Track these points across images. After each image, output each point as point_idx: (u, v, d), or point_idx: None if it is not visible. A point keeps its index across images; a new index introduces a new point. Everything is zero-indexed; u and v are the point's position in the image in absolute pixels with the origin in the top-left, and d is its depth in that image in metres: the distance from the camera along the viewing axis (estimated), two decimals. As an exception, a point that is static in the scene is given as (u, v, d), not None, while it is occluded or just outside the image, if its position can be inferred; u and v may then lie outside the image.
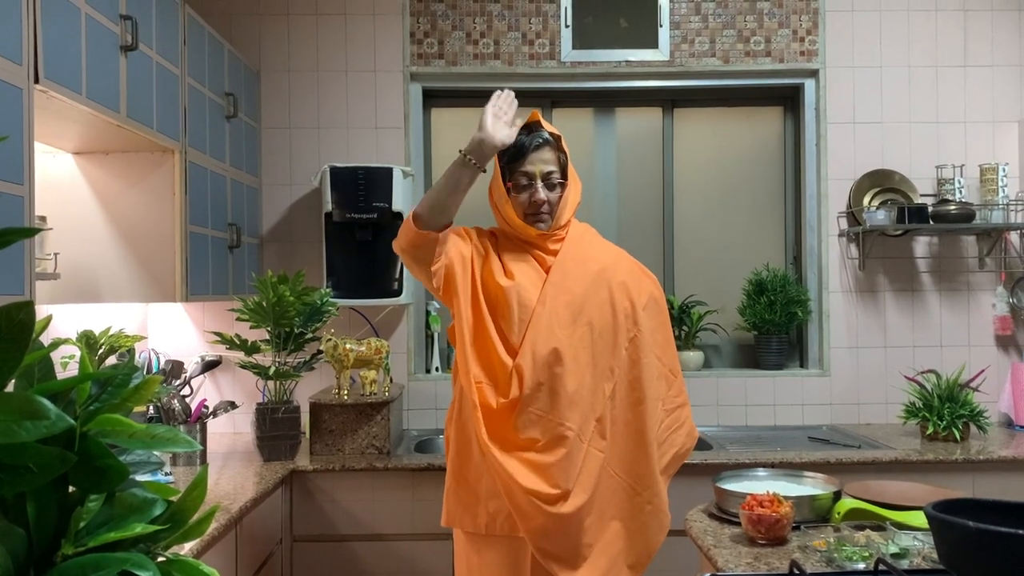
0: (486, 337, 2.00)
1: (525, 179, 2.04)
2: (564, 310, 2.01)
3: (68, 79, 1.84)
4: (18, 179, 1.65)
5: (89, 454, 0.68)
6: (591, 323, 2.02)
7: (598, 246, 2.16)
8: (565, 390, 1.96)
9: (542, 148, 2.05)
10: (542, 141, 2.05)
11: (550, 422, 1.95)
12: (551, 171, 2.05)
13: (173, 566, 0.73)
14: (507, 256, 2.08)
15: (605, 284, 2.05)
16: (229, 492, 2.33)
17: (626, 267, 2.13)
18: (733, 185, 3.61)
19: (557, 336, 1.98)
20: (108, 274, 2.51)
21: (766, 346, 3.43)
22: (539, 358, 1.96)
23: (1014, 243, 3.41)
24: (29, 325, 0.64)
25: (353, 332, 3.30)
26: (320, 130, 3.38)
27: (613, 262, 2.11)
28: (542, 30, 3.40)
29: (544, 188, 2.04)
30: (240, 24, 3.35)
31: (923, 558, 1.41)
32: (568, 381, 1.97)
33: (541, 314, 2.00)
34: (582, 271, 2.06)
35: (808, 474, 1.85)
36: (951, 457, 2.74)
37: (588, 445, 1.98)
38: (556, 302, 2.01)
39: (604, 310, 2.03)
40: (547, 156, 2.05)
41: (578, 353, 1.99)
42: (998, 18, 3.43)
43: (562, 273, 2.05)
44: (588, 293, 2.03)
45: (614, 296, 2.05)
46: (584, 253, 2.09)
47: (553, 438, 1.94)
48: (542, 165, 2.04)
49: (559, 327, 1.99)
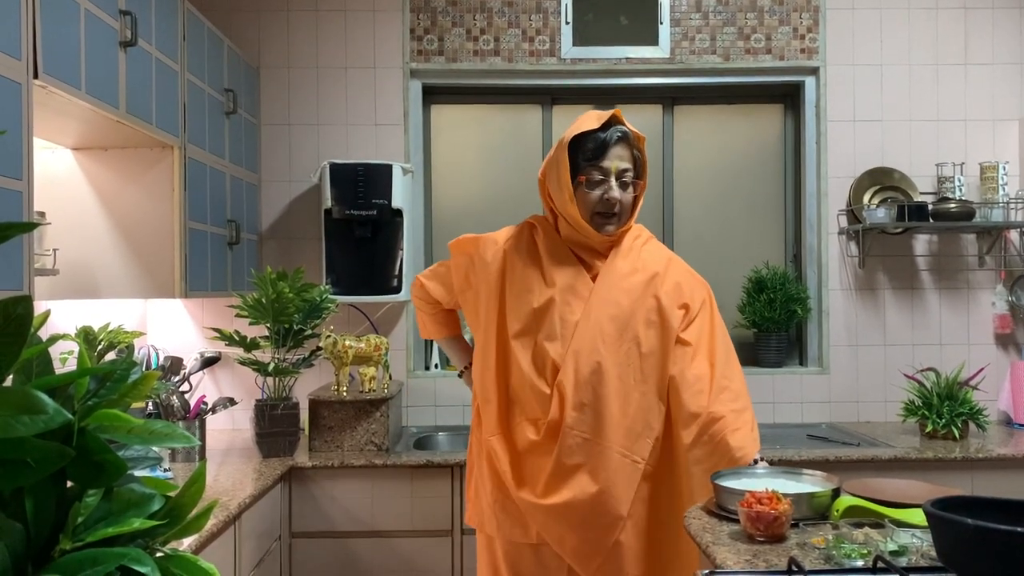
0: (512, 364, 1.92)
1: (600, 174, 1.91)
2: (609, 324, 1.89)
3: (67, 74, 1.84)
4: (17, 174, 1.65)
5: (87, 449, 0.68)
6: (637, 338, 1.90)
7: (650, 252, 2.02)
8: (610, 411, 1.85)
9: (620, 143, 1.93)
10: (621, 135, 1.93)
11: (596, 447, 1.85)
12: (626, 168, 1.92)
13: (171, 562, 0.73)
14: (549, 260, 1.94)
15: (652, 294, 1.93)
16: (228, 488, 2.33)
17: (678, 275, 2.00)
18: (733, 183, 3.61)
19: (601, 353, 1.86)
20: (107, 270, 2.51)
21: (765, 344, 3.43)
22: (582, 377, 1.85)
23: (1014, 241, 3.41)
24: (27, 319, 0.64)
25: (352, 329, 3.29)
26: (320, 127, 3.38)
27: (664, 269, 1.98)
28: (542, 27, 3.40)
29: (618, 187, 1.91)
30: (240, 20, 3.34)
31: (921, 556, 1.41)
32: (613, 401, 1.86)
33: (585, 329, 1.88)
34: (630, 281, 1.93)
35: (807, 472, 1.85)
36: (950, 455, 2.74)
37: (643, 464, 1.88)
38: (601, 315, 1.89)
39: (652, 323, 1.91)
40: (624, 153, 1.93)
41: (623, 371, 1.88)
42: (999, 16, 3.43)
43: (609, 284, 1.93)
44: (636, 306, 1.91)
45: (663, 306, 1.93)
46: (635, 261, 1.97)
47: (601, 463, 1.84)
48: (619, 162, 1.92)
49: (603, 343, 1.87)
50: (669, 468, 1.95)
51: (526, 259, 1.97)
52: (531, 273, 1.94)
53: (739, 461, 1.86)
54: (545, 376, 1.90)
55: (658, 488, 1.95)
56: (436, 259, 3.54)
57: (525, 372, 1.90)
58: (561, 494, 1.86)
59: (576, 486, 1.86)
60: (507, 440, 1.94)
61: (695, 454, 1.90)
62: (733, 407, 1.91)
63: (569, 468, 1.86)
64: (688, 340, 1.94)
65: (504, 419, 1.96)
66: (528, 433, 1.91)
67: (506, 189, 3.53)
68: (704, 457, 1.89)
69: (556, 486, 1.87)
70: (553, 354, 1.89)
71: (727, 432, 1.87)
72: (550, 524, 1.88)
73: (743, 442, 1.88)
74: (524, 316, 1.92)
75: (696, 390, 1.91)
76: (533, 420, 1.92)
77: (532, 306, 1.91)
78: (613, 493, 1.86)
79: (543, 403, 1.90)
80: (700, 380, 1.92)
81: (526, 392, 1.92)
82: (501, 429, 1.95)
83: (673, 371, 1.92)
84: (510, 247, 2.00)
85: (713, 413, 1.89)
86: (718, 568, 1.42)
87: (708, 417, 1.89)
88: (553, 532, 1.89)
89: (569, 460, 1.85)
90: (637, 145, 1.99)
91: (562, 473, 1.86)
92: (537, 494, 1.87)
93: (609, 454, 1.86)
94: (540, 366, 1.90)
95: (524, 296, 1.93)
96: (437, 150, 3.57)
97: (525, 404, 1.93)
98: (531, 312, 1.91)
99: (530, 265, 1.95)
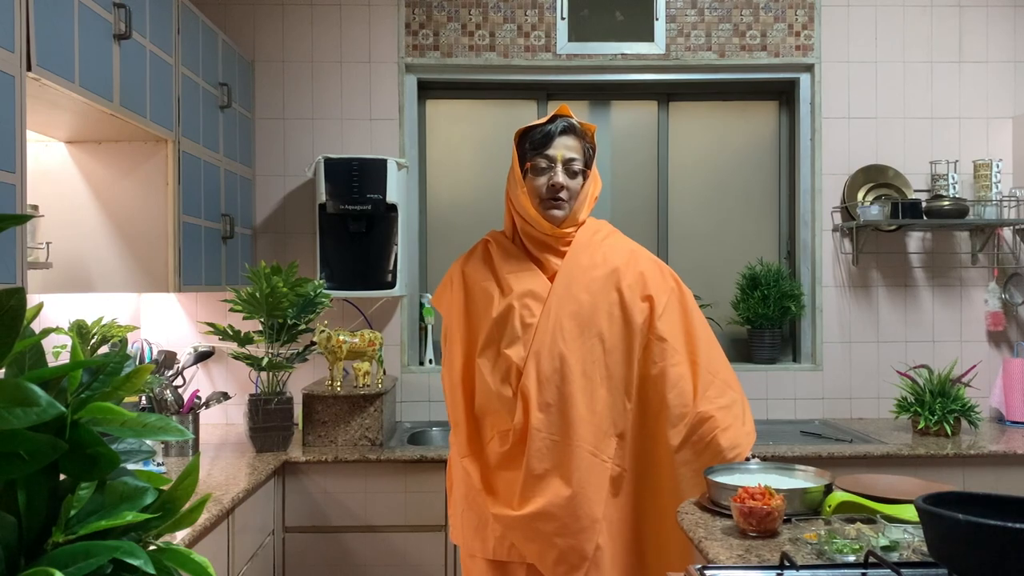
0: (476, 378, 1.90)
1: (545, 162, 1.91)
2: (570, 321, 1.86)
3: (61, 67, 1.83)
4: (10, 167, 1.65)
5: (80, 442, 0.67)
6: (601, 335, 1.87)
7: (610, 245, 1.99)
8: (577, 410, 1.82)
9: (567, 134, 1.93)
10: (567, 126, 1.93)
11: (566, 448, 1.81)
12: (573, 158, 1.91)
13: (164, 555, 0.73)
14: (505, 268, 1.93)
15: (614, 288, 1.90)
16: (221, 483, 2.32)
17: (640, 266, 1.96)
18: (727, 179, 3.61)
19: (563, 351, 1.83)
20: (100, 264, 2.50)
21: (759, 340, 3.44)
22: (544, 376, 1.82)
23: (1007, 239, 3.42)
24: (20, 311, 0.64)
25: (346, 324, 3.29)
26: (314, 121, 3.37)
27: (625, 262, 1.94)
28: (538, 22, 3.40)
29: (564, 174, 1.90)
30: (234, 14, 3.33)
31: (913, 551, 1.42)
32: (579, 399, 1.82)
33: (545, 328, 1.85)
34: (590, 276, 1.90)
35: (799, 467, 1.85)
36: (942, 452, 2.75)
37: (611, 463, 1.85)
38: (561, 313, 1.86)
39: (615, 317, 1.88)
40: (571, 143, 1.92)
41: (587, 367, 1.85)
42: (993, 14, 3.43)
43: (567, 281, 1.90)
44: (597, 302, 1.88)
45: (625, 300, 1.89)
46: (593, 255, 1.94)
47: (571, 464, 1.80)
48: (564, 150, 1.91)
49: (564, 341, 1.84)
50: (648, 468, 1.92)
51: (484, 273, 1.96)
52: (488, 286, 1.92)
53: (733, 460, 1.85)
54: (509, 382, 1.86)
55: (634, 488, 1.91)
56: (430, 254, 3.54)
57: (489, 384, 1.87)
58: (535, 502, 1.81)
59: (549, 491, 1.81)
60: (478, 459, 1.91)
61: (684, 455, 1.88)
62: (720, 403, 1.89)
63: (540, 474, 1.82)
64: (664, 336, 1.90)
65: (474, 439, 1.93)
66: (497, 447, 1.88)
67: (500, 184, 3.49)
68: (693, 458, 1.87)
69: (530, 494, 1.83)
70: (515, 358, 1.86)
71: (717, 432, 1.86)
72: (528, 538, 1.83)
73: (735, 440, 1.88)
74: (486, 329, 1.89)
75: (680, 389, 1.88)
76: (503, 432, 1.88)
77: (492, 317, 1.88)
78: (587, 495, 1.82)
79: (511, 411, 1.86)
80: (682, 378, 1.89)
81: (493, 404, 1.88)
82: (471, 450, 1.92)
83: (653, 370, 1.89)
84: (468, 267, 1.99)
85: (701, 413, 1.87)
86: (711, 563, 1.42)
87: (696, 417, 1.87)
88: (532, 548, 1.84)
89: (539, 465, 1.81)
90: (587, 138, 1.98)
91: (534, 480, 1.82)
92: (513, 506, 1.84)
93: (579, 454, 1.82)
94: (504, 374, 1.87)
95: (484, 310, 1.91)
96: (432, 145, 3.57)
97: (495, 417, 1.89)
98: (492, 323, 1.88)
99: (487, 279, 1.94)
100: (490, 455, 1.90)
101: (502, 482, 1.88)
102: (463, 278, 1.98)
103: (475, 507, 1.93)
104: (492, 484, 1.89)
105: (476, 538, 1.92)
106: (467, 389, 1.94)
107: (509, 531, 1.85)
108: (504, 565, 1.90)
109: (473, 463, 1.91)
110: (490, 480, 1.89)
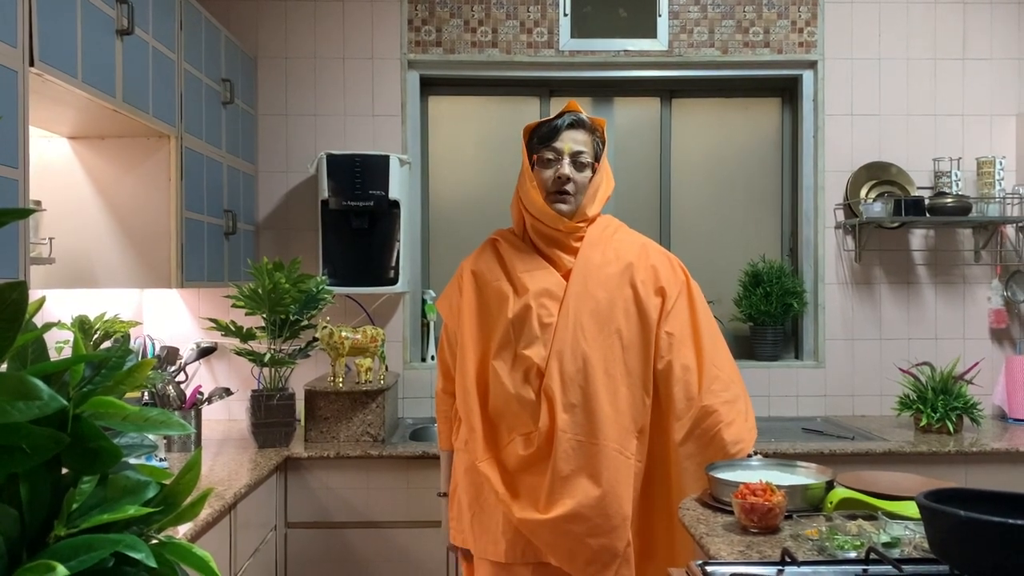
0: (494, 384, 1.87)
1: (552, 154, 1.90)
2: (589, 319, 1.85)
3: (63, 63, 1.83)
4: (13, 163, 1.65)
5: (82, 436, 0.68)
6: (619, 331, 1.86)
7: (620, 240, 1.99)
8: (602, 409, 1.81)
9: (576, 128, 1.92)
10: (576, 121, 1.92)
11: (593, 448, 1.80)
12: (581, 151, 1.91)
13: (166, 549, 0.73)
14: (519, 267, 1.91)
15: (628, 284, 1.90)
16: (223, 478, 2.33)
17: (652, 259, 1.96)
18: (730, 176, 3.61)
19: (585, 350, 1.82)
20: (103, 260, 2.51)
21: (761, 337, 3.44)
22: (568, 377, 1.81)
23: (1010, 236, 3.41)
24: (22, 305, 0.64)
25: (349, 320, 3.30)
26: (317, 117, 3.37)
27: (637, 257, 1.94)
28: (540, 18, 3.39)
29: (571, 166, 1.90)
30: (237, 10, 3.33)
31: (914, 547, 1.42)
32: (603, 398, 1.81)
33: (565, 327, 1.83)
34: (605, 273, 1.89)
35: (801, 464, 1.85)
36: (944, 449, 2.75)
37: (634, 460, 1.84)
38: (580, 311, 1.85)
39: (631, 314, 1.88)
40: (580, 137, 1.92)
41: (609, 366, 1.84)
42: (997, 11, 3.42)
43: (583, 278, 1.88)
44: (614, 298, 1.87)
45: (640, 296, 1.89)
46: (605, 251, 1.93)
47: (600, 464, 1.79)
48: (572, 144, 1.90)
49: (585, 339, 1.83)
50: (659, 463, 1.92)
51: (496, 273, 1.94)
52: (502, 286, 1.90)
53: (735, 456, 1.85)
54: (530, 384, 1.85)
55: (649, 484, 1.92)
56: (432, 250, 3.54)
57: (507, 387, 1.85)
58: (564, 504, 1.79)
59: (578, 492, 1.80)
60: (497, 463, 1.88)
61: (687, 449, 1.88)
62: (725, 398, 1.89)
63: (567, 475, 1.80)
64: (672, 330, 1.91)
65: (491, 442, 1.90)
66: (519, 449, 1.85)
67: (503, 181, 3.51)
68: (697, 452, 1.87)
69: (557, 497, 1.81)
70: (536, 359, 1.84)
71: (721, 426, 1.86)
72: (557, 541, 1.81)
73: (738, 436, 1.87)
74: (502, 330, 1.87)
75: (685, 382, 1.89)
76: (525, 435, 1.86)
77: (508, 317, 1.86)
78: (617, 493, 1.81)
79: (533, 413, 1.84)
80: (688, 371, 1.90)
81: (511, 407, 1.86)
82: (490, 453, 1.89)
83: (660, 364, 1.90)
84: (477, 267, 1.97)
85: (706, 407, 1.87)
86: (712, 559, 1.43)
87: (700, 411, 1.87)
88: (561, 549, 1.82)
89: (567, 466, 1.80)
90: (597, 132, 1.97)
91: (561, 482, 1.80)
92: (539, 510, 1.81)
93: (607, 453, 1.81)
94: (524, 375, 1.85)
95: (499, 311, 1.88)
96: (434, 141, 3.56)
97: (513, 420, 1.87)
98: (508, 324, 1.86)
99: (499, 278, 1.92)
100: (508, 458, 1.87)
101: (523, 486, 1.86)
102: (473, 278, 1.96)
103: (489, 510, 1.90)
104: (515, 488, 1.87)
105: (488, 541, 1.90)
106: (482, 392, 1.91)
107: (535, 535, 1.83)
108: (510, 566, 1.89)
109: (492, 467, 1.88)
110: (512, 484, 1.87)
